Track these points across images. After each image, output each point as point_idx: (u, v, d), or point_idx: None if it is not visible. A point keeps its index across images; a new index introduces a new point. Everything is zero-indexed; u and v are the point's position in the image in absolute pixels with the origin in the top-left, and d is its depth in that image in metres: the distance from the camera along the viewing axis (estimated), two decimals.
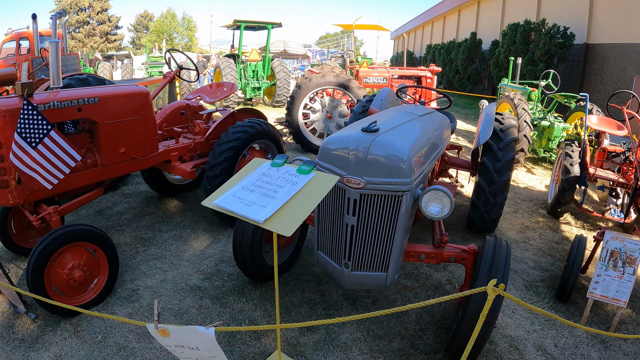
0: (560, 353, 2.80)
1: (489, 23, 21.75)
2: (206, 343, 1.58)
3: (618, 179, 4.46)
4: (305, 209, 1.60)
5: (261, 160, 2.07)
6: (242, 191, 1.82)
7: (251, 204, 1.72)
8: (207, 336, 1.54)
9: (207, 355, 1.63)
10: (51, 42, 3.09)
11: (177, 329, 1.60)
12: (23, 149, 2.70)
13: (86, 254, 2.94)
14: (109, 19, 45.49)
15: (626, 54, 10.98)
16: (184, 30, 49.70)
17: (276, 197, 1.69)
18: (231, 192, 1.86)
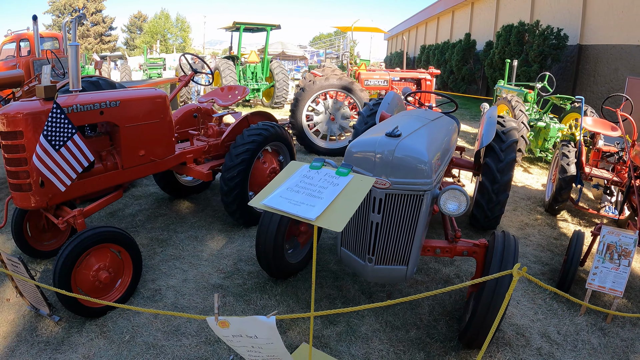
0: (563, 339, 3.06)
1: (483, 24, 22.17)
2: (266, 331, 1.75)
3: (613, 177, 4.77)
4: (350, 207, 1.80)
5: (299, 164, 2.25)
6: (287, 192, 1.99)
7: (299, 203, 1.90)
8: (268, 325, 1.73)
9: (265, 342, 1.81)
10: (71, 45, 3.17)
11: (238, 319, 1.78)
12: (47, 151, 2.76)
13: (111, 255, 3.04)
14: (103, 20, 45.58)
15: (619, 55, 11.39)
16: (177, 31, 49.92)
17: (322, 197, 1.88)
18: (277, 192, 2.02)
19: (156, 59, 16.59)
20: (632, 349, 2.97)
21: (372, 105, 5.33)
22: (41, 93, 2.97)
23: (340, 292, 3.47)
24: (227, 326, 1.78)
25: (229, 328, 1.78)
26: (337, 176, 2.01)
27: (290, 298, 3.33)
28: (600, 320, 3.30)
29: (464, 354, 2.82)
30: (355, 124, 5.25)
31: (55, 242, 3.81)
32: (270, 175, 4.64)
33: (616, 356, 2.90)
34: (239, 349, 1.94)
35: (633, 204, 3.96)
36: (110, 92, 3.58)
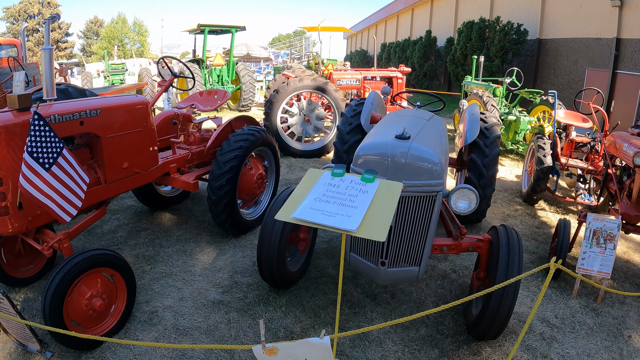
0: (561, 322, 3.30)
1: (443, 21, 23.07)
2: (319, 352, 1.73)
3: (587, 166, 5.17)
4: (387, 214, 1.81)
5: (318, 171, 2.24)
6: (317, 203, 1.97)
7: (334, 214, 1.87)
8: (323, 345, 1.71)
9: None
10: (44, 49, 2.98)
11: (288, 344, 1.75)
12: (35, 172, 2.46)
13: (102, 279, 2.86)
14: (59, 25, 43.74)
15: (577, 48, 12.25)
16: (135, 36, 48.64)
17: (355, 206, 1.86)
18: (306, 204, 1.98)
19: (118, 64, 15.93)
20: (624, 325, 3.26)
21: (355, 105, 5.44)
22: (14, 103, 2.73)
23: (344, 297, 3.54)
24: (275, 353, 1.74)
25: (277, 355, 1.75)
26: (364, 183, 2.03)
27: (296, 308, 3.34)
28: (592, 302, 3.58)
29: (475, 347, 2.98)
30: (339, 125, 5.34)
31: (33, 268, 3.58)
32: (257, 181, 4.63)
33: (611, 333, 3.17)
34: None
35: (611, 190, 4.32)
36: (89, 100, 3.40)
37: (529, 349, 3.00)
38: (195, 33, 12.10)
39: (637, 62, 10.28)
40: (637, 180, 3.62)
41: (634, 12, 10.42)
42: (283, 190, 3.44)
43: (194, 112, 5.06)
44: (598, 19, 11.54)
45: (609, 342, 3.06)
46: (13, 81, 2.93)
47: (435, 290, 3.74)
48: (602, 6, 11.32)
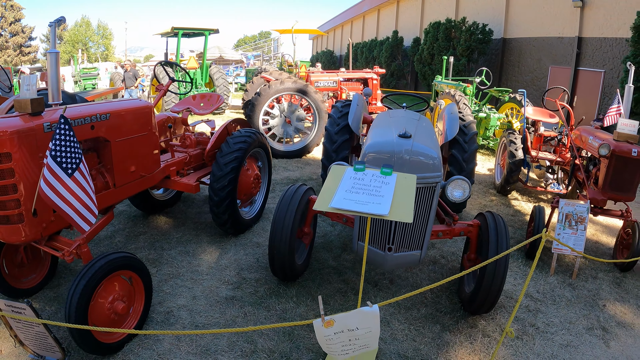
0: (543, 296, 3.77)
1: (409, 21, 23.93)
2: (369, 320, 2.00)
3: (556, 158, 5.75)
4: (409, 200, 2.16)
5: (341, 167, 2.53)
6: (348, 194, 2.27)
7: (366, 202, 2.18)
8: (373, 314, 1.98)
9: (364, 332, 2.06)
10: (50, 53, 3.01)
11: (343, 315, 2.00)
12: (58, 177, 2.44)
13: (121, 282, 2.93)
14: (22, 29, 41.58)
15: (541, 47, 13.20)
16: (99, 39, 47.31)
17: (382, 194, 2.19)
18: (339, 195, 2.27)
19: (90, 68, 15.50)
20: (598, 296, 3.76)
21: (341, 107, 5.78)
22: (26, 107, 2.74)
23: (348, 285, 3.85)
24: (332, 325, 1.99)
25: (333, 326, 1.99)
26: (384, 176, 2.36)
27: (306, 298, 3.60)
28: (567, 278, 4.09)
29: (471, 321, 3.37)
30: (327, 126, 5.65)
31: (35, 278, 3.58)
32: (254, 181, 4.86)
33: (588, 304, 3.66)
34: (332, 347, 2.14)
35: (578, 179, 4.87)
36: (97, 104, 3.49)
37: (518, 319, 3.43)
38: (168, 36, 12.08)
39: (597, 59, 11.26)
40: (602, 169, 4.16)
41: (595, 12, 11.41)
42: (288, 189, 3.69)
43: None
44: (560, 19, 12.50)
45: (587, 311, 3.55)
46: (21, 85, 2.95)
47: (428, 274, 4.13)
48: (564, 7, 12.28)
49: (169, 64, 5.33)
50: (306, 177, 7.31)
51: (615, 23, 10.85)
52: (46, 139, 2.79)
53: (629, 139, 3.97)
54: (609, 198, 4.16)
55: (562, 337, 3.22)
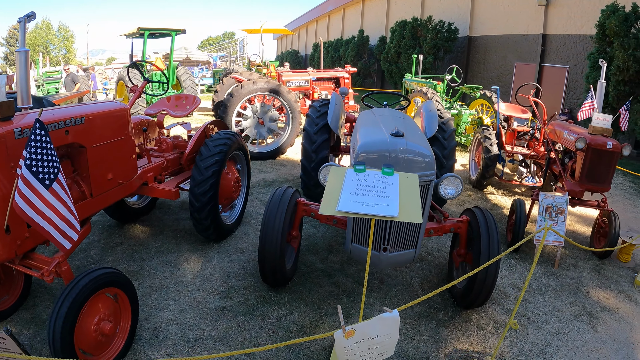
0: (529, 287, 3.92)
1: (375, 20, 24.31)
2: (389, 327, 1.97)
3: (530, 152, 6.00)
4: (415, 200, 2.16)
5: (341, 169, 2.51)
6: (354, 196, 2.22)
7: (374, 204, 2.14)
8: (393, 319, 1.97)
9: (384, 339, 2.03)
10: (20, 51, 2.82)
11: (363, 324, 1.97)
12: (35, 189, 2.21)
13: (106, 300, 2.75)
14: None
15: (506, 44, 13.76)
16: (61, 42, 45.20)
17: (388, 195, 2.15)
18: (345, 198, 2.23)
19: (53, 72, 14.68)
20: (581, 284, 3.96)
21: (319, 107, 5.78)
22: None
23: (339, 288, 3.84)
24: (353, 335, 1.96)
25: (353, 336, 1.96)
26: (386, 176, 2.34)
27: (299, 304, 3.56)
28: (550, 267, 4.27)
29: (465, 315, 3.46)
30: (305, 126, 5.63)
31: (9, 299, 3.32)
32: (235, 185, 4.77)
33: (572, 291, 3.84)
34: (350, 358, 2.10)
35: (554, 171, 5.10)
36: (71, 107, 3.28)
37: (508, 311, 3.55)
38: (134, 37, 11.66)
39: (562, 55, 11.86)
40: (578, 162, 4.38)
41: (559, 11, 12.01)
42: (275, 192, 3.63)
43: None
44: (525, 17, 13.08)
45: (572, 298, 3.72)
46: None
47: (417, 272, 4.19)
48: (528, 5, 12.86)
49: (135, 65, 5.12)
50: (282, 179, 7.26)
51: (579, 21, 11.47)
52: (18, 146, 2.59)
53: (604, 132, 4.20)
54: (586, 189, 4.39)
55: (553, 325, 3.36)
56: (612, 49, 8.91)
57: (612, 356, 3.11)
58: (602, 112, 4.51)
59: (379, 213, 2.11)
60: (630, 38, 8.55)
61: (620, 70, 8.55)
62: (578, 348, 3.14)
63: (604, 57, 9.06)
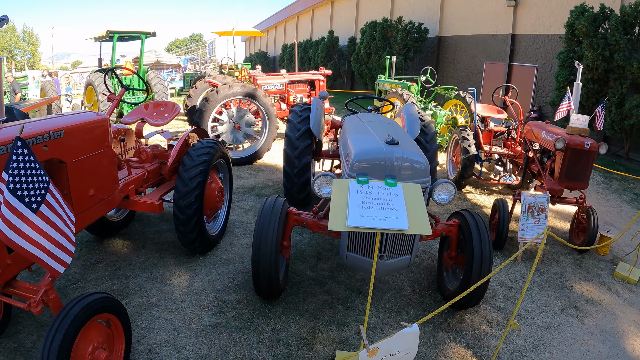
0: (516, 284, 4.07)
1: (344, 21, 24.51)
2: (409, 341, 2.01)
3: (508, 152, 6.22)
4: (422, 210, 2.19)
5: (344, 181, 2.50)
6: (361, 210, 2.23)
7: (383, 218, 2.16)
8: (414, 333, 2.01)
9: (404, 354, 2.06)
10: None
11: (386, 341, 2.00)
12: (20, 214, 2.07)
13: (99, 327, 2.63)
14: None
15: (475, 44, 14.18)
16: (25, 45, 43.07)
17: (395, 208, 2.17)
18: (353, 212, 2.23)
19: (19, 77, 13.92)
20: (565, 278, 4.15)
21: (300, 111, 5.78)
22: None
23: (332, 296, 3.85)
24: (376, 353, 1.98)
25: (376, 354, 1.99)
26: (390, 187, 2.37)
27: (294, 315, 3.54)
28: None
29: (458, 316, 3.55)
30: (287, 132, 5.62)
31: None
32: (219, 195, 4.70)
33: (557, 286, 4.02)
34: None
35: (533, 170, 5.31)
36: (49, 120, 3.10)
37: (499, 309, 3.67)
38: (103, 40, 11.28)
39: (530, 54, 12.34)
40: (557, 161, 4.58)
41: (527, 11, 12.49)
42: (265, 202, 3.61)
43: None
44: (494, 17, 13.53)
45: (558, 293, 3.89)
46: None
47: (407, 275, 4.27)
48: (498, 5, 13.31)
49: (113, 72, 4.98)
50: (262, 185, 7.20)
51: (547, 21, 11.98)
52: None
53: (581, 132, 4.42)
54: (565, 187, 4.60)
55: (542, 320, 3.51)
56: (581, 48, 9.38)
57: (601, 346, 3.29)
58: (578, 113, 4.73)
59: (390, 227, 2.14)
60: (599, 38, 9.03)
61: (589, 70, 9.02)
62: (568, 341, 3.30)
63: (573, 57, 9.52)
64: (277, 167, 8.27)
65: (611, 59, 8.95)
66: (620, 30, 8.81)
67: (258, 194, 6.56)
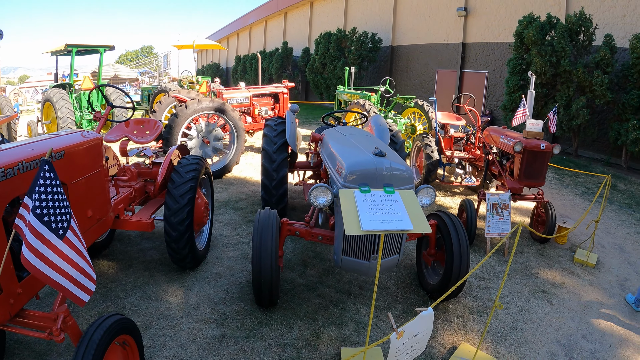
0: (488, 275, 4.54)
1: (298, 32, 24.97)
2: (426, 323, 2.31)
3: (468, 156, 6.80)
4: (420, 213, 2.54)
5: (349, 191, 2.82)
6: (370, 215, 2.53)
7: (390, 221, 2.47)
8: (429, 316, 2.33)
9: (422, 335, 2.35)
10: None
11: (410, 324, 2.29)
12: (47, 241, 2.02)
13: (116, 349, 2.63)
14: None
15: (427, 52, 15.03)
16: None
17: (398, 212, 2.50)
18: (364, 218, 2.54)
19: None
20: (530, 266, 4.69)
21: (275, 125, 6.02)
22: None
23: (325, 299, 4.11)
24: (402, 335, 2.27)
25: (403, 336, 2.28)
26: (389, 194, 2.72)
27: (294, 320, 3.75)
28: (501, 256, 4.95)
29: (442, 307, 3.95)
30: (264, 145, 5.83)
31: None
32: (205, 210, 4.83)
33: (524, 274, 4.54)
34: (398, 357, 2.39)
35: (493, 172, 5.88)
36: (49, 140, 3.12)
37: (477, 298, 4.10)
38: (60, 54, 10.91)
39: (480, 61, 13.29)
40: (516, 162, 5.14)
41: (477, 21, 13.45)
42: (259, 214, 3.82)
43: None
44: (445, 27, 14.44)
45: (526, 280, 4.40)
46: None
47: (389, 275, 4.61)
48: (448, 15, 14.23)
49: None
50: (235, 198, 7.33)
51: (496, 29, 12.98)
52: (1, 190, 2.40)
53: (536, 135, 5.01)
54: (525, 185, 5.17)
55: (516, 304, 3.97)
56: (530, 55, 10.30)
57: (570, 322, 3.81)
58: (532, 118, 5.33)
59: (399, 228, 2.46)
60: (546, 45, 9.96)
61: (538, 75, 9.93)
62: (541, 320, 3.79)
63: (522, 63, 10.42)
64: (248, 180, 8.43)
65: (558, 65, 9.89)
66: (566, 38, 9.77)
67: (234, 207, 6.69)
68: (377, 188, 3.22)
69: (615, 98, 9.39)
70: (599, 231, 5.76)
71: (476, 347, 3.31)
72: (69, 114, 9.51)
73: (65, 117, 9.41)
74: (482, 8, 13.27)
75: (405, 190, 2.82)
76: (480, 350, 3.28)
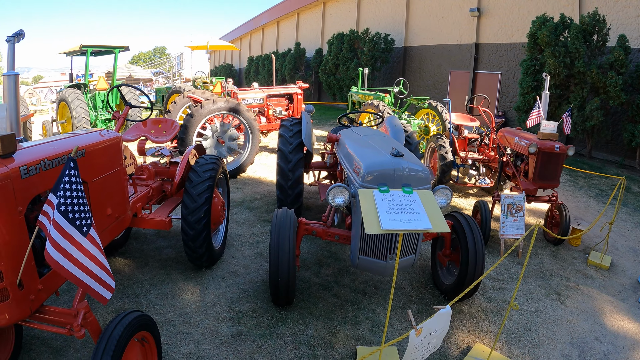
0: (502, 276, 4.52)
1: (310, 33, 25.03)
2: (443, 321, 2.33)
3: (482, 157, 6.78)
4: (438, 212, 2.56)
5: (368, 191, 2.85)
6: (390, 215, 2.56)
7: (409, 220, 2.49)
8: (447, 314, 2.34)
9: (439, 333, 2.37)
10: (8, 75, 2.65)
11: (428, 321, 2.32)
12: (71, 238, 2.04)
13: (135, 346, 2.64)
14: None
15: (440, 53, 14.97)
16: None
17: (417, 211, 2.51)
18: (384, 217, 2.57)
19: None
20: (544, 268, 4.66)
21: (291, 126, 6.08)
22: None
23: (341, 298, 4.13)
24: (421, 332, 2.30)
25: (422, 333, 2.31)
26: (407, 194, 2.75)
27: (310, 319, 3.79)
28: (515, 257, 4.93)
29: (456, 307, 3.94)
30: (279, 146, 5.88)
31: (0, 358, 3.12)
32: (221, 209, 4.90)
33: (538, 276, 4.51)
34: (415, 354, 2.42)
35: (508, 173, 5.86)
36: (70, 139, 3.17)
37: (491, 299, 4.10)
38: (75, 55, 11.14)
39: (494, 62, 13.20)
40: (530, 164, 5.12)
41: (490, 21, 13.37)
42: (276, 214, 3.87)
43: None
44: (458, 28, 14.37)
45: (540, 281, 4.38)
46: None
47: (404, 275, 4.63)
48: (461, 16, 14.15)
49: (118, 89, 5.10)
50: (250, 198, 7.40)
51: (509, 30, 12.88)
52: (25, 187, 2.42)
53: (551, 137, 4.98)
54: (539, 187, 5.15)
55: (530, 306, 3.96)
56: (543, 56, 10.20)
57: (583, 324, 3.78)
58: (547, 119, 5.31)
59: (418, 227, 2.49)
60: (560, 46, 9.86)
61: (551, 76, 9.84)
62: (555, 321, 3.77)
63: (535, 64, 10.32)
64: (262, 180, 8.50)
65: (572, 66, 9.78)
66: (580, 38, 9.66)
67: (248, 207, 6.76)
68: (395, 188, 3.25)
69: (629, 99, 9.25)
70: (612, 233, 5.70)
71: (490, 348, 3.32)
72: (84, 114, 9.68)
73: (80, 116, 9.59)
74: (495, 9, 13.18)
75: (423, 191, 2.84)
76: (494, 350, 3.29)
